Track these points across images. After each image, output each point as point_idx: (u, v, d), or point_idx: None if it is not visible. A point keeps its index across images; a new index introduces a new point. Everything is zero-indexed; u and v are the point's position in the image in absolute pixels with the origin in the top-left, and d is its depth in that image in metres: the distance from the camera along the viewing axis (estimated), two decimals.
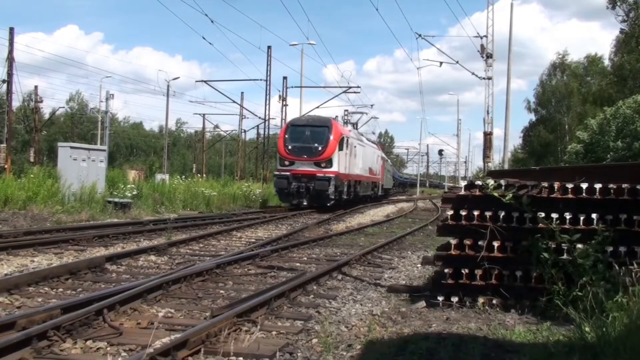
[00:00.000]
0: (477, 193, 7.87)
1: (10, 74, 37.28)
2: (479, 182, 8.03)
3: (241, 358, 5.37)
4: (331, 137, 27.90)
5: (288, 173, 27.38)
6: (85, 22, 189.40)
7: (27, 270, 9.34)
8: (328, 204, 27.44)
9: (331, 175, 27.21)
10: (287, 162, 27.76)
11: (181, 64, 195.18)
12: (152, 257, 11.46)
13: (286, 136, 28.72)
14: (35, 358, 5.15)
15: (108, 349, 5.55)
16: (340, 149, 28.22)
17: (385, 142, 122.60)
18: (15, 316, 6.03)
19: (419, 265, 11.54)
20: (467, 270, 7.72)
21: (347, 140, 29.71)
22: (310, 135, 28.14)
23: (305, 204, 27.19)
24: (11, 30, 38.39)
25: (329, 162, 27.49)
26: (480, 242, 7.65)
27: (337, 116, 36.07)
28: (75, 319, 5.90)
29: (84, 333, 5.87)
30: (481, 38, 34.12)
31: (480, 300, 7.63)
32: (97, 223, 17.29)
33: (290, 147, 28.02)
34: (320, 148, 27.58)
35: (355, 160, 32.00)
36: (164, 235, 14.68)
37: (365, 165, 35.62)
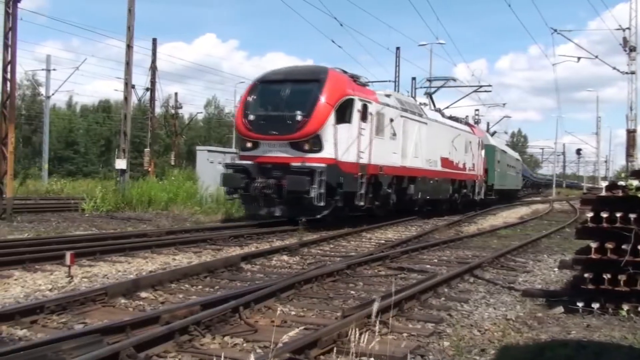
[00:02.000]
0: (620, 194, 7.45)
1: (153, 82, 39.71)
2: (621, 183, 7.59)
3: (372, 359, 5.38)
4: (321, 99, 16.49)
5: (248, 162, 16.95)
6: (221, 31, 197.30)
7: (169, 268, 9.88)
8: (317, 216, 16.59)
9: (318, 165, 16.08)
10: (248, 145, 17.21)
11: None
12: (285, 257, 11.75)
13: (249, 99, 17.62)
14: (177, 351, 5.42)
15: (244, 345, 5.76)
16: (345, 119, 16.91)
17: (518, 142, 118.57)
18: (159, 311, 6.40)
19: (555, 269, 11.09)
20: (609, 275, 7.32)
21: (365, 106, 17.79)
22: (289, 97, 17.02)
23: (277, 214, 16.78)
24: (154, 41, 40.86)
25: (316, 142, 16.41)
26: (623, 246, 7.22)
27: (467, 116, 35.11)
28: (213, 315, 6.16)
29: (221, 329, 6.12)
30: (623, 30, 32.13)
31: (625, 307, 7.21)
32: (232, 224, 17.94)
33: (252, 119, 17.00)
34: (299, 117, 16.34)
35: (401, 143, 20.59)
36: (296, 235, 15.00)
37: (435, 152, 23.93)
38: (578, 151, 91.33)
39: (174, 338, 5.52)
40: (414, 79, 47.12)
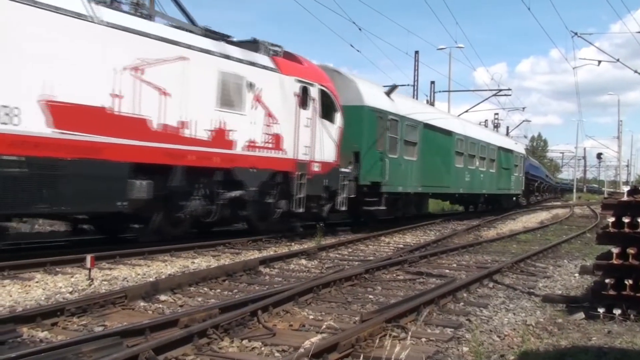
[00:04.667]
0: None
1: None
2: None
3: None
4: None
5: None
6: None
7: (188, 271, 9.93)
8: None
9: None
10: None
11: None
12: (303, 261, 11.76)
13: None
14: (196, 354, 5.45)
15: (262, 348, 5.76)
16: None
17: (538, 146, 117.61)
18: (178, 314, 6.43)
19: (576, 275, 11.00)
20: (630, 281, 7.24)
21: None
22: None
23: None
24: None
25: None
26: None
27: (486, 120, 33.92)
28: (232, 319, 6.18)
29: (240, 332, 6.14)
30: None
31: None
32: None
33: None
34: None
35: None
36: (314, 239, 15.00)
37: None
38: (599, 155, 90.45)
39: (193, 341, 5.54)
40: (432, 83, 46.78)
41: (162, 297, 7.86)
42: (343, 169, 16.68)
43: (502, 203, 34.24)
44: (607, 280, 7.41)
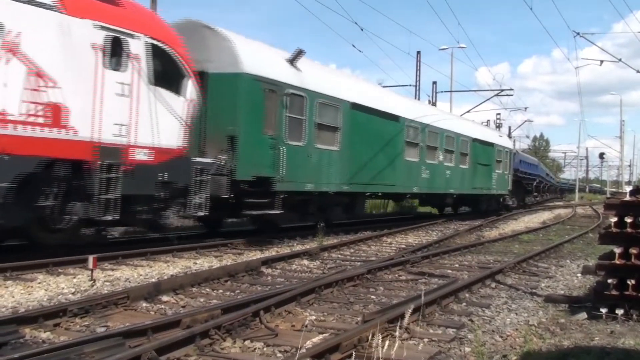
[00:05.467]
0: None
1: None
2: None
3: None
4: None
5: None
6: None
7: (190, 272, 9.93)
8: None
9: None
10: None
11: None
12: (305, 261, 11.75)
13: None
14: (198, 355, 5.45)
15: (265, 349, 5.77)
16: None
17: (540, 146, 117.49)
18: (180, 315, 6.44)
19: (578, 275, 10.99)
20: (633, 281, 7.23)
21: None
22: None
23: None
24: None
25: None
26: None
27: (489, 120, 33.46)
28: (234, 320, 6.18)
29: (242, 333, 6.14)
30: None
31: None
32: (253, 228, 17.93)
33: None
34: None
35: None
36: (316, 240, 15.01)
37: None
38: (601, 155, 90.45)
39: (195, 342, 5.55)
40: (434, 83, 46.72)
41: (165, 298, 7.86)
42: (200, 159, 12.42)
43: (480, 205, 29.20)
44: (609, 280, 7.40)
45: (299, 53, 15.11)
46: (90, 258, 8.79)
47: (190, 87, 11.97)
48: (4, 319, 6.04)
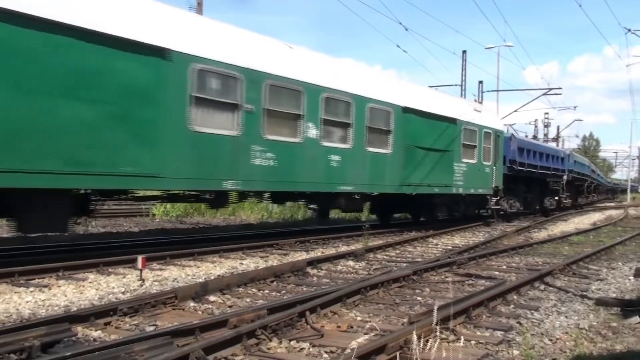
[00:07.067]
0: None
1: None
2: None
3: None
4: None
5: None
6: (289, 38, 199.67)
7: (237, 272, 10.02)
8: None
9: None
10: None
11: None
12: (350, 262, 11.75)
13: None
14: (245, 354, 5.49)
15: (310, 349, 5.78)
16: None
17: (590, 146, 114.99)
18: (227, 314, 6.50)
19: (631, 278, 10.71)
20: None
21: None
22: None
23: None
24: None
25: None
26: None
27: (536, 120, 32.31)
28: (280, 320, 6.22)
29: (288, 333, 6.17)
30: None
31: None
32: (299, 229, 18.04)
33: None
34: None
35: None
36: (361, 241, 14.97)
37: None
38: None
39: (242, 341, 5.59)
40: (480, 82, 46.11)
41: (212, 298, 7.95)
42: None
43: (434, 209, 20.33)
44: None
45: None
46: (139, 258, 8.95)
47: None
48: (57, 318, 6.20)
